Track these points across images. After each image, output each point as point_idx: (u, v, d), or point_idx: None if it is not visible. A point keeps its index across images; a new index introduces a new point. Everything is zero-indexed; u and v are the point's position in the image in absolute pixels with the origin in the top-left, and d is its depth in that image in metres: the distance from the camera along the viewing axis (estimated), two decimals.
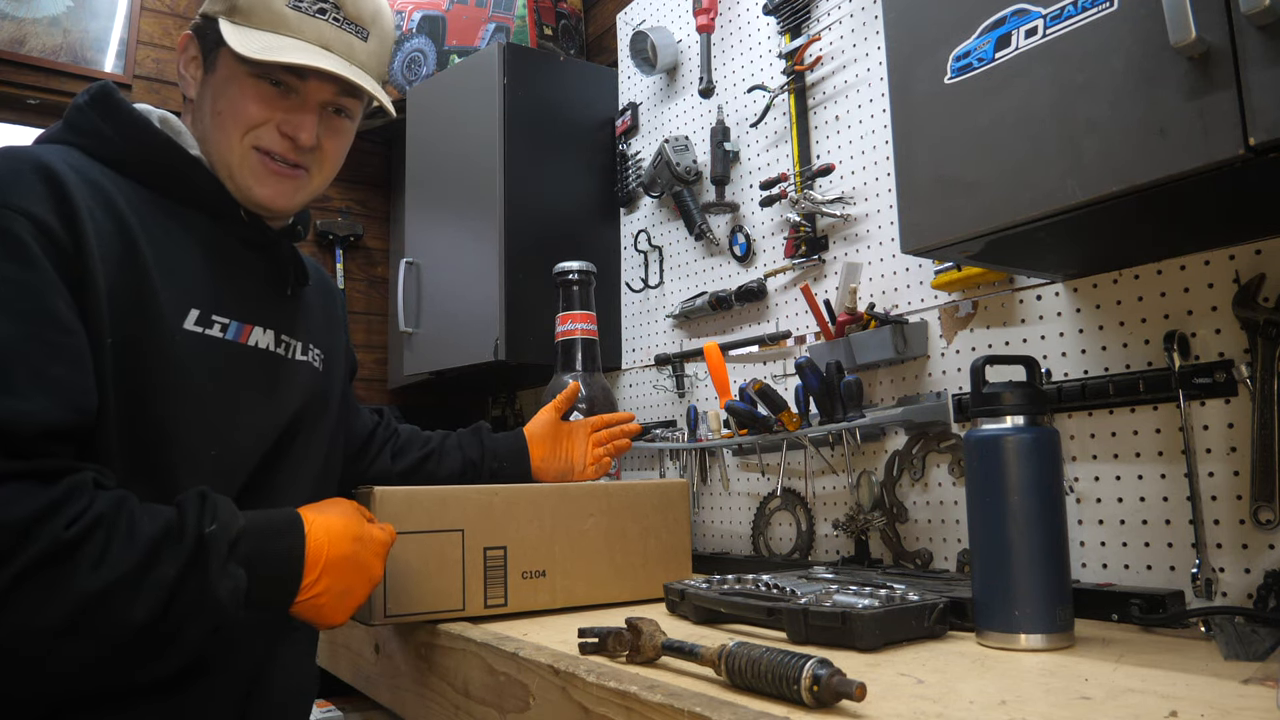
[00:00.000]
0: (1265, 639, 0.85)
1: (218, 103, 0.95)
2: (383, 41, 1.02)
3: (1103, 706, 0.66)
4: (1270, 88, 0.68)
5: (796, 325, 1.67)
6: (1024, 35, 0.87)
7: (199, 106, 0.97)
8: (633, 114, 2.18)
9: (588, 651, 0.89)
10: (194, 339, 0.88)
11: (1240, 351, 1.02)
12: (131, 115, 0.92)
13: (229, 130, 0.94)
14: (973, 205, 0.92)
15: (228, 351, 0.92)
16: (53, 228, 0.77)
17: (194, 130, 0.98)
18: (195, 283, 0.89)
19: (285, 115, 0.95)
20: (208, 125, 0.96)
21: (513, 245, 2.08)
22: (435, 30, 2.61)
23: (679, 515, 1.33)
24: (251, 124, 0.94)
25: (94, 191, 0.82)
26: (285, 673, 1.00)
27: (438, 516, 1.12)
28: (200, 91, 0.97)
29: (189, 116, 0.99)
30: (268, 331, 0.97)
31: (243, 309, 0.94)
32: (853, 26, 1.57)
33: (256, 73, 0.94)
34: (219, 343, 0.91)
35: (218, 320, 0.90)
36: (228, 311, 0.92)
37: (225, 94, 0.94)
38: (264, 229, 1.00)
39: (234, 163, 0.95)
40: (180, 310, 0.87)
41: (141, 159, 0.91)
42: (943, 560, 1.35)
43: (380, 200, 3.21)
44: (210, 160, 0.96)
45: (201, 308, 0.89)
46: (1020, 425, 0.89)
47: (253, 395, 0.95)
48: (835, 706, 0.66)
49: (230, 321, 0.92)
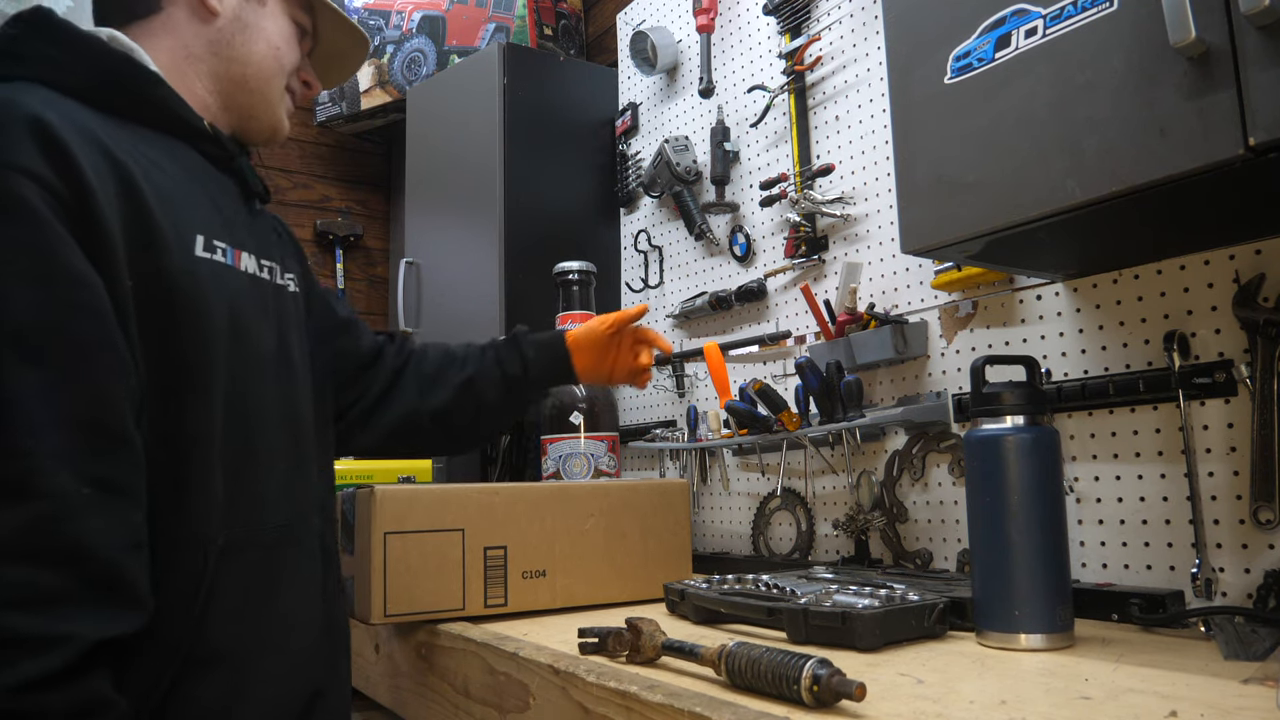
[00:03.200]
0: (1265, 639, 0.85)
1: (271, 34, 0.97)
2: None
3: (1103, 706, 0.66)
4: (1270, 88, 0.68)
5: (796, 325, 1.67)
6: (1024, 35, 0.87)
7: (233, 25, 0.94)
8: (633, 114, 2.18)
9: (588, 651, 0.89)
10: (207, 265, 0.84)
11: (1240, 351, 1.02)
12: (83, 37, 0.84)
13: (282, 63, 0.98)
14: (973, 205, 0.92)
15: (231, 277, 0.88)
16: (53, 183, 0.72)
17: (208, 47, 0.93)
18: (192, 210, 0.85)
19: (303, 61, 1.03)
20: (249, 50, 0.95)
21: (513, 245, 2.08)
22: (435, 30, 2.62)
23: (679, 515, 1.33)
24: (294, 64, 1.01)
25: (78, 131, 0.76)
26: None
27: (438, 516, 1.12)
28: (237, 12, 0.94)
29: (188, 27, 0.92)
30: (251, 255, 0.92)
31: (231, 234, 0.89)
32: (853, 26, 1.57)
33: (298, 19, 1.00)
34: (224, 268, 0.87)
35: (218, 245, 0.86)
36: (221, 236, 0.88)
37: (279, 29, 0.98)
38: (226, 143, 0.95)
39: (276, 94, 0.99)
40: (187, 238, 0.83)
41: (104, 83, 0.83)
42: (943, 560, 1.35)
43: (380, 200, 3.21)
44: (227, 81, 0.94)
45: (205, 234, 0.85)
46: (1020, 425, 0.89)
47: (253, 321, 0.91)
48: (835, 706, 0.67)
49: (227, 246, 0.88)
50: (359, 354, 1.16)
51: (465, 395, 1.18)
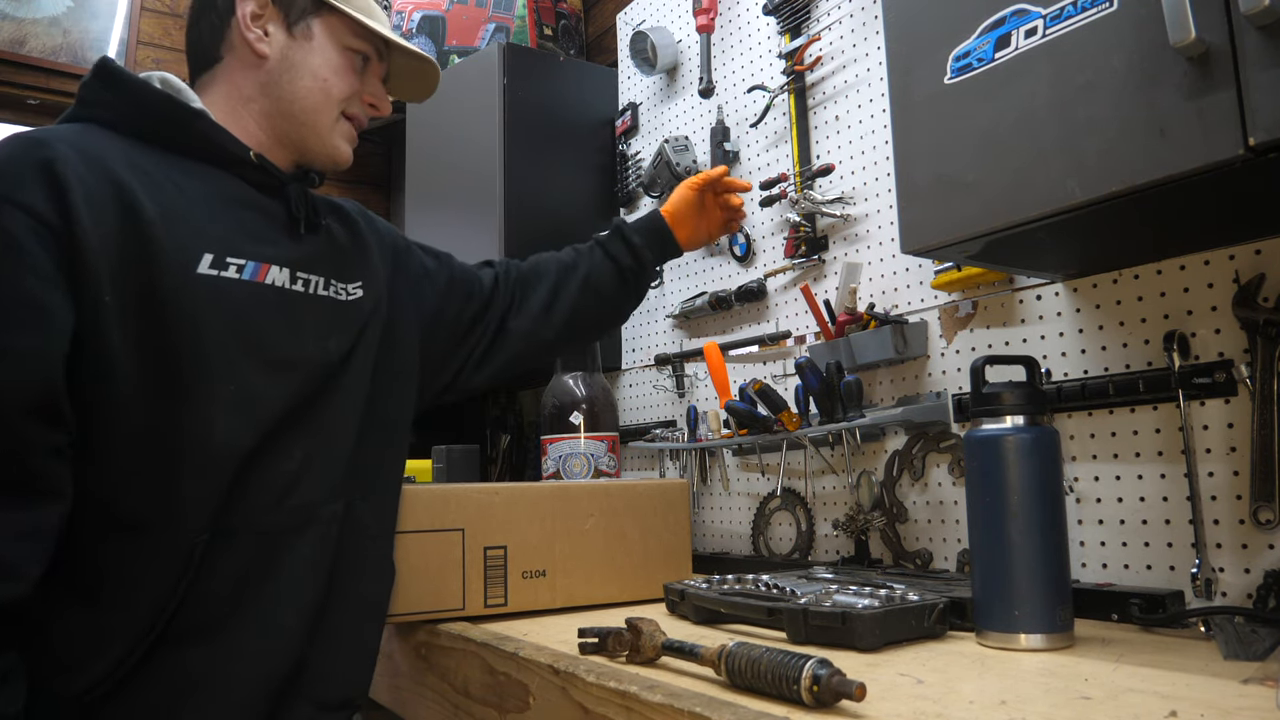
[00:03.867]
0: (1265, 639, 0.85)
1: (317, 69, 1.04)
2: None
3: (1103, 706, 0.66)
4: (1270, 88, 0.68)
5: (796, 325, 1.67)
6: (1024, 35, 0.87)
7: (279, 65, 1.03)
8: (633, 114, 2.18)
9: (588, 651, 0.89)
10: (209, 280, 0.93)
11: (1240, 351, 1.02)
12: (132, 81, 0.98)
13: (330, 94, 1.05)
14: (973, 205, 0.92)
15: (247, 290, 0.96)
16: (44, 214, 0.83)
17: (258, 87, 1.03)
18: (206, 229, 0.95)
19: (367, 88, 1.09)
20: (295, 86, 1.03)
21: (513, 245, 2.08)
22: (435, 30, 2.62)
23: (679, 515, 1.33)
24: (348, 93, 1.06)
25: (89, 166, 0.88)
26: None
27: (438, 516, 1.12)
28: (284, 53, 1.03)
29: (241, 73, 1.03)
30: (283, 270, 1.01)
31: (257, 250, 0.98)
32: (853, 27, 1.57)
33: (353, 46, 1.06)
34: (236, 283, 0.95)
35: (233, 262, 0.95)
36: (242, 253, 0.97)
37: (327, 62, 1.05)
38: (272, 172, 1.04)
39: (326, 124, 1.06)
40: (193, 257, 0.92)
41: (147, 120, 0.97)
42: (943, 560, 1.36)
43: (380, 200, 3.21)
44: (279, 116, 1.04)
45: (215, 252, 0.94)
46: (1020, 425, 0.89)
47: (273, 332, 0.98)
48: (835, 706, 0.67)
49: (246, 262, 0.97)
50: (472, 306, 1.26)
51: (585, 294, 1.31)
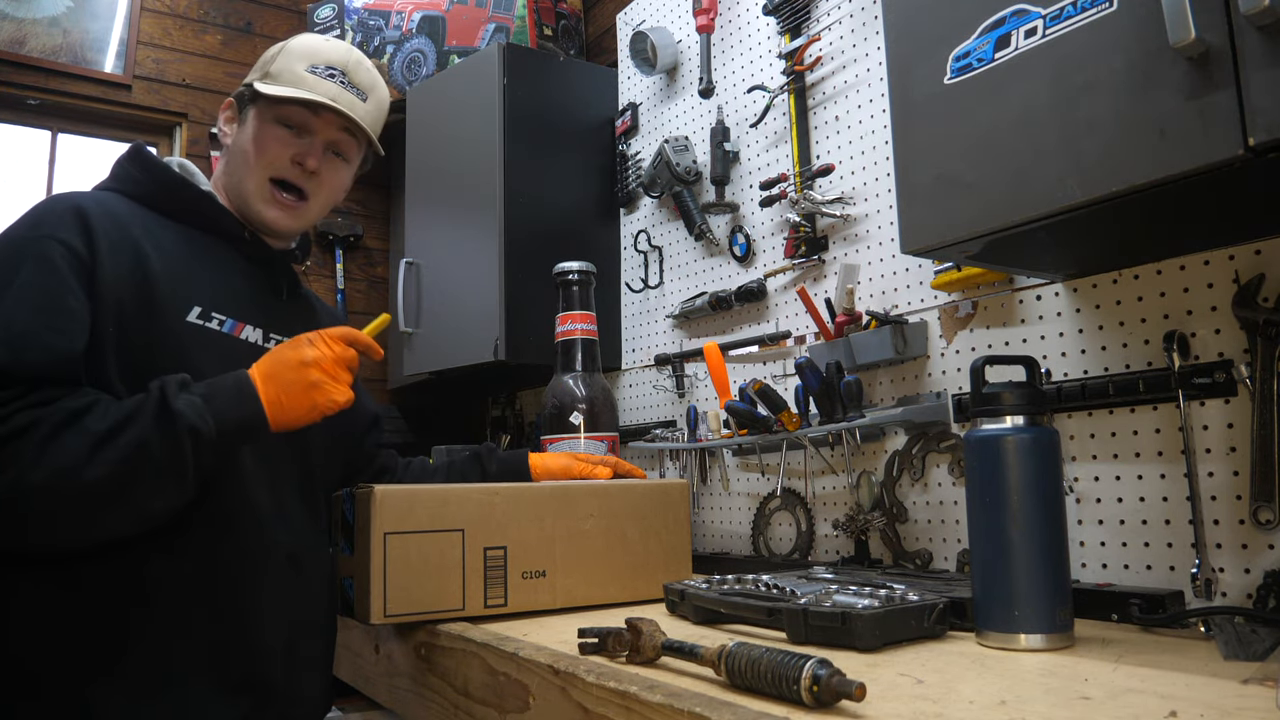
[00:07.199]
0: (1265, 639, 0.85)
1: (245, 145, 1.19)
2: (379, 106, 1.27)
3: (1103, 706, 0.66)
4: (1270, 88, 0.68)
5: (796, 325, 1.67)
6: (1024, 35, 0.87)
7: (231, 151, 1.22)
8: (633, 114, 2.18)
9: (588, 652, 0.89)
10: (195, 329, 1.09)
11: (1240, 351, 1.02)
12: (155, 163, 1.18)
13: (253, 165, 1.18)
14: (973, 205, 0.92)
15: (224, 343, 1.12)
16: (76, 248, 1.01)
17: (224, 169, 1.22)
18: (198, 287, 1.11)
19: (297, 150, 1.18)
20: (236, 163, 1.20)
21: (513, 245, 2.08)
22: (435, 30, 2.62)
23: (679, 515, 1.33)
24: (270, 159, 1.18)
25: (113, 222, 1.06)
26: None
27: (438, 516, 1.12)
28: (234, 140, 1.22)
29: (223, 160, 1.24)
30: (257, 329, 1.17)
31: (237, 309, 1.15)
32: (853, 27, 1.58)
33: (278, 119, 1.18)
34: (216, 334, 1.12)
35: (216, 316, 1.12)
36: (224, 310, 1.13)
37: (252, 137, 1.18)
38: (263, 246, 1.22)
39: (251, 190, 1.19)
40: (184, 307, 1.09)
41: (162, 195, 1.16)
42: (943, 560, 1.35)
43: (380, 200, 3.21)
44: (233, 191, 1.20)
45: (203, 305, 1.11)
46: (1020, 425, 0.89)
47: None
48: (835, 706, 0.67)
49: (226, 318, 1.13)
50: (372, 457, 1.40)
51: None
